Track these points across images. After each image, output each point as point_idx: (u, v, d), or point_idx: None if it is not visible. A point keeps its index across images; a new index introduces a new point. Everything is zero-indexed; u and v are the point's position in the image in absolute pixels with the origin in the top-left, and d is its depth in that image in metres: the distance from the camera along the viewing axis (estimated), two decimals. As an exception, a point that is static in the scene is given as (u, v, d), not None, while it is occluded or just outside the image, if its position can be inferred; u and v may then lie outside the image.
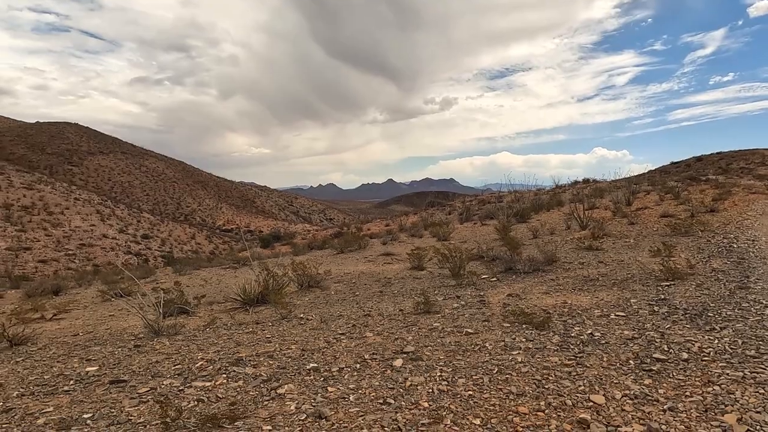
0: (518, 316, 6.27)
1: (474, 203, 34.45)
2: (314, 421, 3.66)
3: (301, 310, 8.44)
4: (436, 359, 4.92)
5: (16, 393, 5.04)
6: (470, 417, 3.58)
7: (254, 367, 5.17)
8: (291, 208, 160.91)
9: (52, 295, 15.26)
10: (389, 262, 14.68)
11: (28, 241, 57.07)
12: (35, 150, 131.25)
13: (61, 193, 74.45)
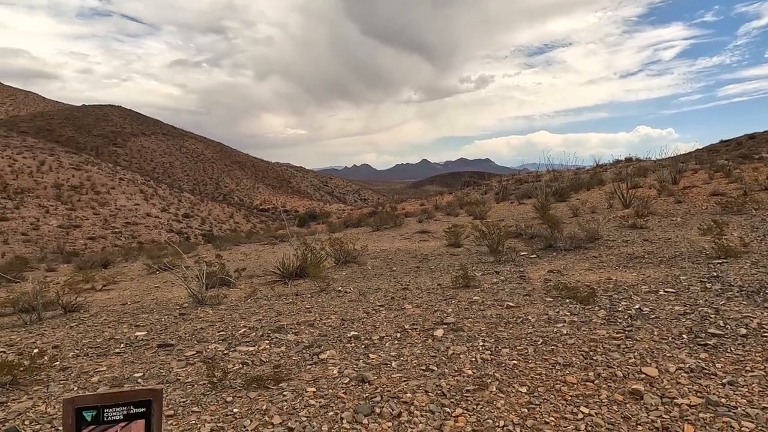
0: (561, 290, 6.12)
1: (510, 182, 33.81)
2: (357, 385, 3.67)
3: (338, 284, 8.50)
4: (478, 330, 4.85)
5: (72, 354, 5.27)
6: (516, 385, 3.51)
7: (295, 334, 5.24)
8: (326, 188, 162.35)
9: (101, 268, 15.94)
10: (425, 239, 14.61)
11: (78, 219, 59.76)
12: (82, 132, 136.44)
13: (106, 174, 77.35)
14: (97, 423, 1.49)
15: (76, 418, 1.44)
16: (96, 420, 1.48)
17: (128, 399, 1.50)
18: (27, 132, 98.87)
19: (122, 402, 1.49)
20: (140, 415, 1.55)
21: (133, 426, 1.53)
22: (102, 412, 1.49)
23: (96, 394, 1.46)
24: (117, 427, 1.51)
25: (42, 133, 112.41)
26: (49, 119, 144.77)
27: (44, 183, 67.59)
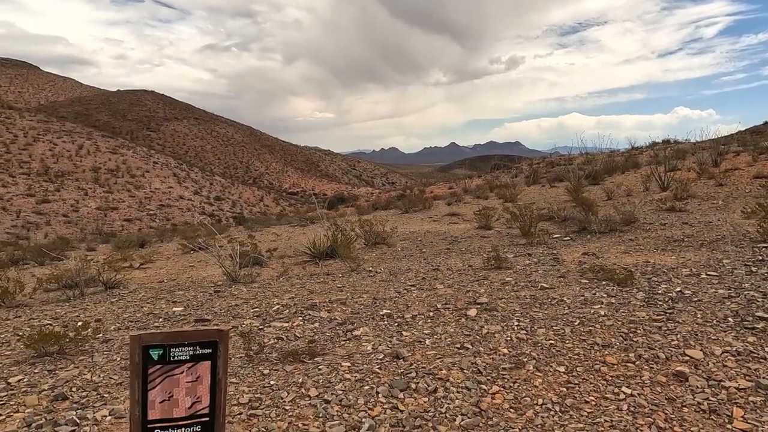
0: (597, 272, 5.98)
1: (542, 165, 33.13)
2: (392, 361, 3.68)
3: (369, 264, 8.52)
4: (512, 310, 4.79)
5: (114, 327, 5.46)
6: (554, 364, 3.45)
7: (328, 312, 5.28)
8: (354, 172, 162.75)
9: (138, 247, 16.42)
10: (455, 221, 14.50)
11: (115, 201, 61.63)
12: (117, 117, 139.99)
13: (141, 157, 79.33)
14: (164, 362, 1.48)
15: (142, 356, 1.45)
16: (162, 359, 1.47)
17: (195, 339, 1.49)
18: (66, 117, 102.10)
19: (189, 342, 1.49)
20: (206, 356, 1.53)
21: (199, 367, 1.52)
22: (168, 351, 1.48)
23: (163, 332, 1.46)
24: (183, 368, 1.50)
25: (80, 118, 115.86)
26: (86, 104, 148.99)
27: (83, 166, 69.85)
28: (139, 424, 1.46)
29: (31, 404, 3.41)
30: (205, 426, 1.53)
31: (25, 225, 49.18)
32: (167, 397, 1.46)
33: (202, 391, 1.52)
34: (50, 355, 4.41)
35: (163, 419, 1.47)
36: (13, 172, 61.03)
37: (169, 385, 1.47)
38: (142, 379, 1.44)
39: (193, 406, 1.51)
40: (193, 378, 1.50)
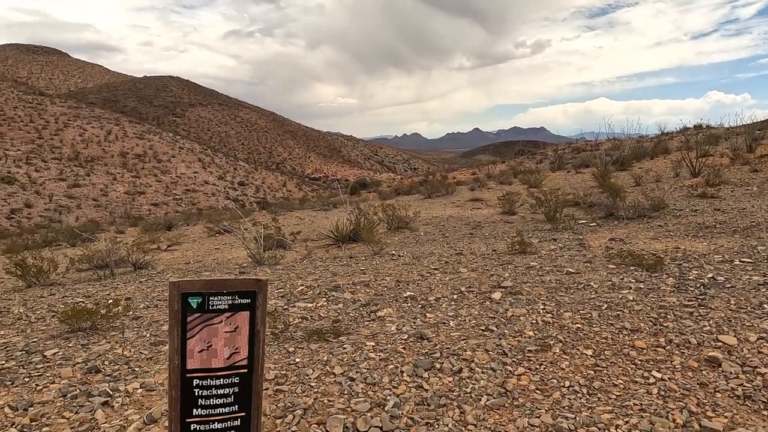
0: (625, 257, 5.86)
1: (567, 151, 32.49)
2: (416, 342, 3.68)
3: (392, 248, 8.52)
4: (537, 294, 4.73)
5: (143, 305, 5.59)
6: (580, 347, 3.40)
7: (352, 293, 5.30)
8: (376, 158, 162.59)
9: (165, 230, 16.76)
10: (478, 207, 14.37)
11: (142, 186, 62.95)
12: (144, 102, 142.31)
13: (167, 143, 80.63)
14: (203, 311, 1.48)
15: (182, 304, 1.45)
16: (201, 307, 1.47)
17: (234, 288, 1.48)
18: (94, 103, 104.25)
19: (227, 291, 1.48)
20: (245, 306, 1.53)
21: (238, 317, 1.51)
22: (207, 299, 1.47)
23: (202, 280, 1.47)
24: (222, 317, 1.49)
25: (108, 104, 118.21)
26: (114, 90, 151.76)
27: (111, 152, 71.41)
28: (179, 372, 1.47)
29: (66, 376, 3.52)
30: (243, 377, 1.53)
31: (57, 208, 50.69)
32: (206, 347, 1.47)
33: (240, 342, 1.52)
34: (83, 330, 4.54)
35: (201, 369, 1.47)
36: (45, 157, 62.77)
37: (207, 334, 1.47)
38: (181, 327, 1.45)
39: (231, 357, 1.51)
40: (231, 328, 1.50)
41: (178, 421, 1.48)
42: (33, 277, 7.67)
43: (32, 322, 5.10)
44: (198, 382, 1.48)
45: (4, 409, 3.06)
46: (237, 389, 1.53)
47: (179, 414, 1.47)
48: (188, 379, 1.47)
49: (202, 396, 1.48)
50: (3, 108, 73.02)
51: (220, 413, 1.51)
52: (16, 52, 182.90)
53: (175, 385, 1.46)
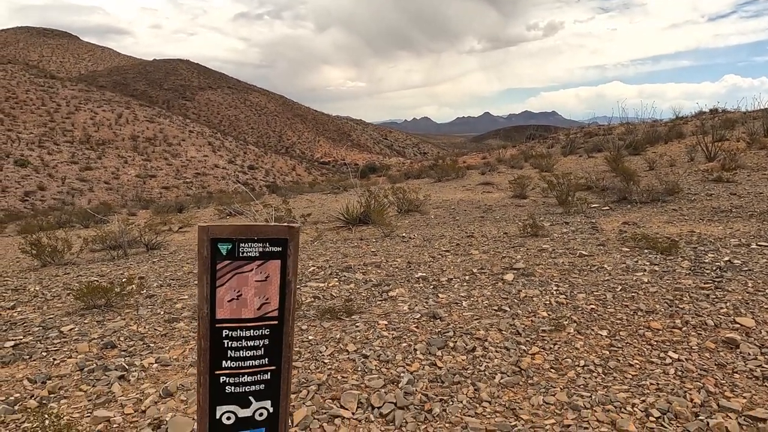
0: (639, 240, 5.80)
1: (579, 135, 32.09)
2: (429, 321, 3.67)
3: (402, 231, 8.51)
4: (550, 276, 4.70)
5: (156, 284, 5.64)
6: (595, 328, 3.38)
7: (363, 274, 5.31)
8: (385, 142, 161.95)
9: (176, 212, 16.87)
10: (489, 190, 14.29)
11: (153, 169, 63.33)
12: (154, 86, 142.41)
13: (177, 126, 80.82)
14: (232, 258, 1.43)
15: (211, 250, 1.41)
16: (231, 254, 1.42)
17: (265, 235, 1.44)
18: (105, 86, 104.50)
19: (258, 237, 1.44)
20: (276, 255, 1.48)
21: (268, 266, 1.47)
22: (237, 246, 1.43)
23: (232, 225, 1.43)
24: (252, 265, 1.45)
25: (118, 87, 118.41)
26: (124, 74, 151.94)
27: (122, 135, 71.78)
28: (208, 322, 1.43)
29: (83, 351, 3.57)
30: (273, 329, 1.50)
31: (70, 191, 51.22)
32: (236, 296, 1.43)
33: (271, 292, 1.48)
34: (98, 307, 4.60)
35: (231, 319, 1.44)
36: (57, 140, 63.25)
37: (237, 282, 1.44)
38: (210, 275, 1.41)
39: (261, 307, 1.47)
40: (262, 277, 1.46)
41: (207, 373, 1.46)
42: (48, 256, 7.77)
43: (48, 300, 5.17)
44: (227, 333, 1.45)
45: (23, 382, 3.11)
46: (267, 342, 1.50)
47: (208, 366, 1.45)
48: (217, 329, 1.44)
49: (232, 348, 1.46)
50: (15, 91, 73.47)
51: (249, 366, 1.49)
52: (27, 35, 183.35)
53: (204, 335, 1.44)
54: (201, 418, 1.49)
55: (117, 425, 2.58)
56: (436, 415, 2.50)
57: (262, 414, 1.53)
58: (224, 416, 1.49)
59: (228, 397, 1.48)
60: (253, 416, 1.52)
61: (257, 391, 1.51)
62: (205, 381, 1.46)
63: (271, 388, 1.53)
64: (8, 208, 40.81)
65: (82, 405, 2.80)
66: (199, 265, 1.40)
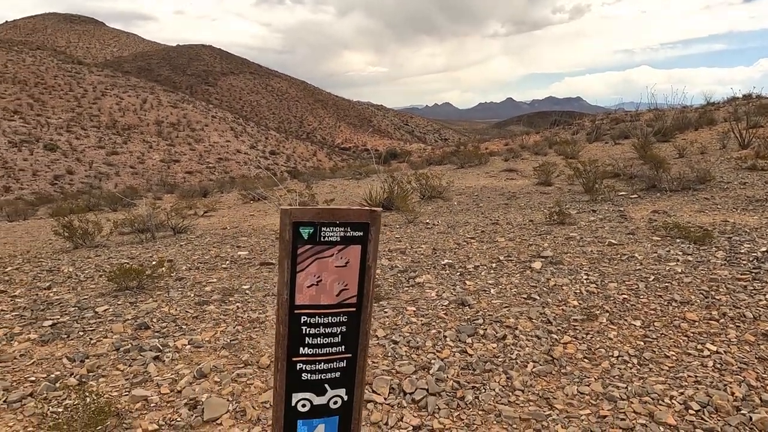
0: (670, 230, 5.66)
1: (605, 122, 31.40)
2: (458, 308, 3.66)
3: (425, 217, 8.47)
4: (579, 264, 4.63)
5: (185, 267, 5.74)
6: (628, 318, 3.32)
7: (389, 260, 5.30)
8: (406, 128, 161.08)
9: (201, 197, 17.11)
10: (512, 177, 14.11)
11: (176, 154, 64.23)
12: (177, 71, 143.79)
13: (200, 111, 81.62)
14: (314, 242, 1.40)
15: (293, 234, 1.37)
16: (312, 239, 1.39)
17: (346, 219, 1.41)
18: (130, 72, 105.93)
19: (340, 222, 1.41)
20: (356, 239, 1.45)
21: (349, 251, 1.44)
22: (319, 230, 1.39)
23: (314, 208, 1.40)
24: (333, 250, 1.42)
25: (143, 73, 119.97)
26: (148, 59, 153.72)
27: (147, 120, 72.86)
28: (287, 308, 1.40)
29: (118, 331, 3.65)
30: (351, 317, 1.48)
31: (97, 175, 52.36)
32: (315, 282, 1.41)
33: (350, 277, 1.46)
34: (130, 289, 4.70)
35: (310, 305, 1.42)
36: (84, 125, 64.52)
37: (317, 268, 1.41)
38: (291, 260, 1.38)
39: (341, 293, 1.45)
40: (342, 263, 1.44)
41: (284, 359, 1.44)
42: (79, 238, 7.96)
43: (82, 281, 5.30)
44: (306, 320, 1.43)
45: (62, 360, 3.20)
46: (344, 329, 1.48)
47: (286, 352, 1.43)
48: (296, 315, 1.42)
49: (310, 334, 1.44)
50: (44, 77, 75.00)
51: (326, 353, 1.47)
52: (55, 21, 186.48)
53: (283, 320, 1.41)
54: (277, 405, 1.48)
55: (154, 404, 2.64)
56: (468, 403, 2.50)
57: (337, 402, 1.52)
58: (299, 403, 1.48)
59: (304, 384, 1.47)
60: (327, 404, 1.51)
61: (333, 378, 1.50)
62: (283, 367, 1.45)
63: (347, 377, 1.52)
64: (39, 192, 41.95)
65: (119, 384, 2.88)
66: (280, 249, 1.38)
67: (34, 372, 3.05)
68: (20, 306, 4.34)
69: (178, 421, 2.48)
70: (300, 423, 1.50)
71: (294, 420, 1.49)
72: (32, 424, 2.46)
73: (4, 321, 3.95)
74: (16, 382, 2.91)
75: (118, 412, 2.51)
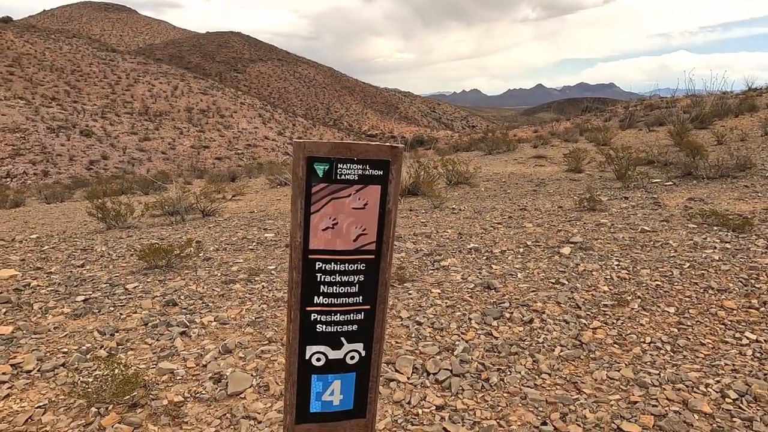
0: (707, 217, 5.44)
1: (639, 108, 30.43)
2: (483, 291, 3.60)
3: (452, 203, 8.39)
4: (610, 251, 4.49)
5: (213, 248, 5.82)
6: (661, 305, 3.20)
7: (414, 243, 5.26)
8: (433, 115, 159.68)
9: (229, 181, 17.35)
10: (541, 164, 13.83)
11: (206, 140, 65.25)
12: (207, 58, 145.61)
13: (229, 98, 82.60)
14: (329, 181, 1.28)
15: (306, 170, 1.26)
16: (328, 176, 1.28)
17: (364, 155, 1.28)
18: (161, 59, 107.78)
19: (358, 158, 1.28)
20: (376, 179, 1.32)
21: (368, 191, 1.31)
22: (335, 167, 1.28)
23: (330, 142, 1.27)
24: (351, 189, 1.30)
25: (174, 60, 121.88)
26: (179, 46, 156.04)
27: (177, 107, 74.17)
28: (301, 252, 1.30)
29: (147, 307, 3.73)
30: (370, 264, 1.36)
31: (130, 160, 53.69)
32: (331, 225, 1.30)
33: (369, 221, 1.33)
34: (159, 267, 4.79)
35: (325, 250, 1.31)
36: (118, 112, 66.10)
37: (333, 209, 1.30)
38: (305, 199, 1.27)
39: (358, 238, 1.33)
40: (360, 204, 1.32)
41: (298, 308, 1.34)
42: (112, 220, 8.17)
43: (113, 260, 5.44)
44: (321, 266, 1.32)
45: (93, 333, 3.29)
46: (362, 278, 1.36)
47: (299, 300, 1.32)
48: (310, 261, 1.31)
49: (325, 282, 1.33)
50: (80, 64, 76.98)
51: (342, 304, 1.36)
52: (90, 10, 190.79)
53: (297, 266, 1.30)
54: (290, 357, 1.39)
55: (180, 377, 2.68)
56: (493, 384, 2.45)
57: (354, 357, 1.43)
58: (314, 357, 1.40)
59: (319, 336, 1.39)
60: (344, 359, 1.43)
61: (349, 332, 1.40)
62: (296, 317, 1.35)
63: (364, 330, 1.42)
64: (75, 176, 43.28)
65: (147, 357, 2.94)
66: (293, 187, 1.28)
67: (67, 344, 3.13)
68: (55, 282, 4.47)
69: (203, 393, 2.51)
70: (314, 378, 1.42)
71: (308, 374, 1.41)
72: (63, 392, 2.53)
73: (40, 296, 4.08)
74: (49, 352, 3.00)
75: (146, 383, 2.56)
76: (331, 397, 1.45)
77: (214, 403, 2.43)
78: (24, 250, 6.10)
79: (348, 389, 1.46)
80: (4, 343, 3.13)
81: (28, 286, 4.35)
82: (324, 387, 1.44)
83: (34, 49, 77.05)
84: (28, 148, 49.45)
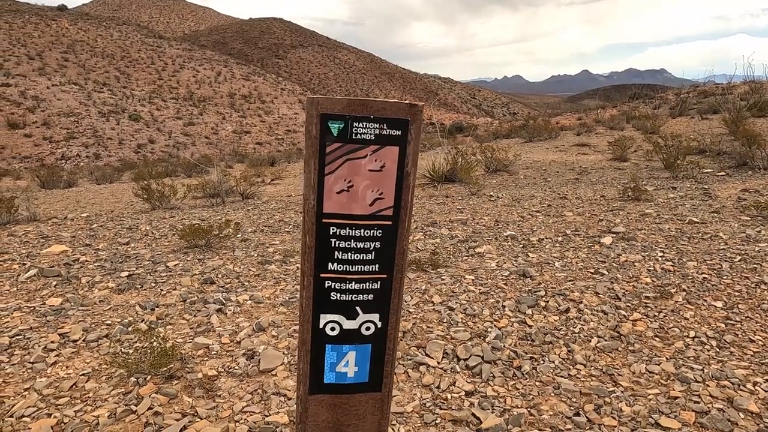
0: (763, 209, 5.14)
1: (691, 95, 28.96)
2: (518, 279, 3.52)
3: (489, 190, 8.24)
4: (654, 242, 4.31)
5: (250, 230, 5.94)
6: (708, 299, 3.05)
7: (449, 229, 5.21)
8: (473, 101, 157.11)
9: (269, 166, 17.64)
10: (584, 152, 13.39)
11: (247, 125, 66.49)
12: (249, 45, 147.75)
13: (270, 84, 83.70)
14: (344, 140, 1.21)
15: (320, 128, 1.18)
16: (343, 136, 1.21)
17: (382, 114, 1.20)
18: (205, 45, 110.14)
19: (375, 117, 1.21)
20: (394, 140, 1.24)
21: (385, 152, 1.24)
22: (351, 125, 1.20)
23: (344, 99, 1.19)
24: (367, 150, 1.22)
25: (217, 46, 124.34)
26: (222, 33, 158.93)
27: (220, 92, 75.80)
28: (314, 215, 1.27)
29: (186, 284, 3.85)
30: (386, 231, 1.29)
31: (175, 145, 55.35)
32: (346, 187, 1.24)
33: (386, 184, 1.26)
34: (199, 247, 4.93)
35: (340, 214, 1.25)
36: (164, 97, 68.13)
37: (348, 170, 1.23)
38: (318, 159, 1.21)
39: (375, 203, 1.26)
40: (377, 166, 1.25)
41: (311, 274, 1.28)
42: (157, 200, 8.45)
43: (157, 238, 5.63)
44: (335, 231, 1.26)
45: (135, 308, 3.42)
46: (379, 245, 1.29)
47: (313, 266, 1.27)
48: (324, 225, 1.25)
49: (339, 248, 1.27)
50: (129, 51, 79.62)
51: (358, 271, 1.30)
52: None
53: (310, 230, 1.25)
54: (303, 325, 1.34)
55: (215, 352, 2.75)
56: (525, 373, 2.40)
57: (369, 328, 1.38)
58: (328, 326, 1.35)
59: (333, 305, 1.34)
60: (359, 330, 1.38)
61: (365, 301, 1.35)
62: (309, 283, 1.31)
63: (381, 300, 1.36)
64: (124, 159, 45.03)
65: (184, 332, 3.03)
66: (306, 146, 1.22)
67: (110, 316, 3.27)
68: (102, 258, 4.67)
69: (236, 369, 2.57)
70: (328, 348, 1.38)
71: (322, 344, 1.37)
72: (106, 361, 2.64)
73: (88, 270, 4.27)
74: (94, 324, 3.14)
75: (182, 357, 2.64)
76: (345, 368, 1.40)
77: (246, 379, 2.48)
78: (75, 227, 6.39)
79: (363, 361, 1.41)
80: (54, 313, 3.29)
81: (77, 261, 4.56)
82: (338, 358, 1.39)
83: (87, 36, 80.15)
84: (81, 131, 51.73)
